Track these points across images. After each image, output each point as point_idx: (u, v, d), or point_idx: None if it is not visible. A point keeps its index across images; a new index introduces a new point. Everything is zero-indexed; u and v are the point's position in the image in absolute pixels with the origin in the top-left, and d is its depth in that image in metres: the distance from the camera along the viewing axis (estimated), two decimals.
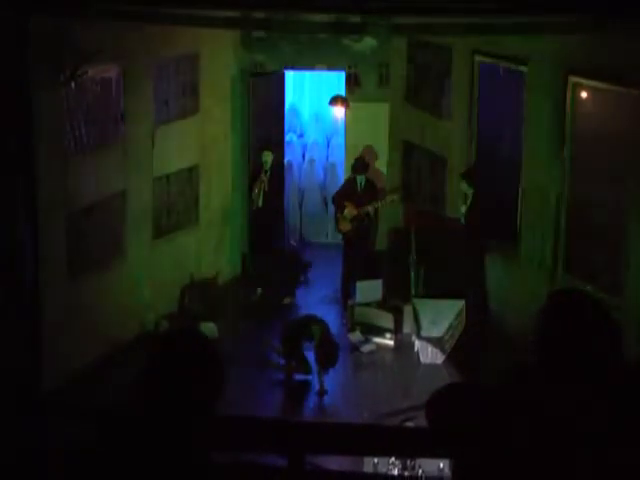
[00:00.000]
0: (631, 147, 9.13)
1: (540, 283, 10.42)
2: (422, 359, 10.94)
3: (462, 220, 11.51)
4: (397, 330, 11.50)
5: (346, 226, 12.61)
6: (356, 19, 10.90)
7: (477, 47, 11.61)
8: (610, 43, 9.05)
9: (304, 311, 12.07)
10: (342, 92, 14.16)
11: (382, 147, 14.01)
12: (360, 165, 12.67)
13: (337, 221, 12.83)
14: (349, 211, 12.51)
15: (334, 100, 14.09)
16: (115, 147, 10.73)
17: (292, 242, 13.37)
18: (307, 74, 15.42)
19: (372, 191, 12.62)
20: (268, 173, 12.88)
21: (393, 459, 7.17)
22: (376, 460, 7.23)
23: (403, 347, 11.30)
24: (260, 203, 12.91)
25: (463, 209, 11.49)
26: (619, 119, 9.42)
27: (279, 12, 9.83)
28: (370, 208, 12.43)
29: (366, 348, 11.22)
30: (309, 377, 10.35)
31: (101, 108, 10.43)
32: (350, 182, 12.85)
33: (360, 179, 12.60)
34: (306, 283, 13.11)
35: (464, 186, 11.44)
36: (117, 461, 2.58)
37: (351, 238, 12.60)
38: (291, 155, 15.28)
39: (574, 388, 2.71)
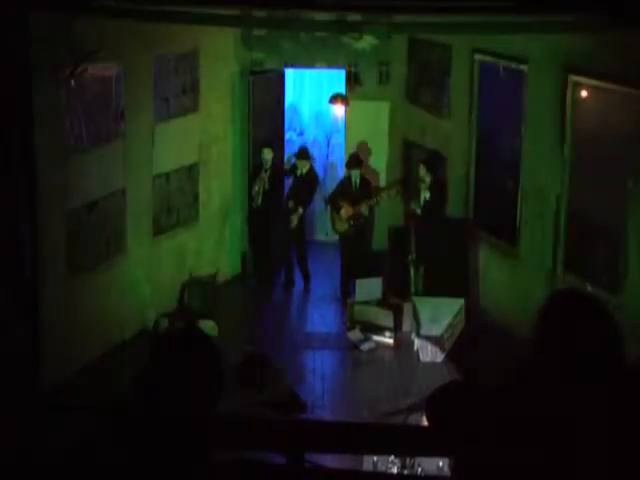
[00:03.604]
0: (631, 147, 9.13)
1: (540, 283, 10.43)
2: (422, 357, 10.94)
3: (421, 204, 12.05)
4: (397, 328, 11.50)
5: (342, 226, 12.62)
6: (356, 17, 10.91)
7: (477, 46, 11.61)
8: (610, 42, 9.05)
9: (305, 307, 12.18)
10: (342, 90, 14.16)
11: (382, 145, 14.02)
12: (354, 161, 12.70)
13: (333, 221, 12.84)
14: (345, 210, 12.53)
15: (334, 98, 14.09)
16: (115, 145, 10.72)
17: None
18: (307, 72, 15.41)
19: (367, 189, 12.64)
20: (268, 171, 12.89)
21: (392, 457, 7.17)
22: (375, 458, 7.23)
23: (403, 345, 11.30)
24: (260, 201, 12.91)
25: (428, 195, 12.01)
26: (619, 118, 9.42)
27: (279, 10, 9.83)
28: (365, 207, 12.45)
29: (365, 346, 11.22)
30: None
31: (101, 106, 10.43)
32: (345, 181, 12.87)
33: (355, 178, 12.61)
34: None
35: (423, 171, 12.04)
36: (117, 461, 2.58)
37: (347, 237, 12.62)
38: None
39: (574, 388, 2.72)
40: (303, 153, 13.12)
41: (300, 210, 12.83)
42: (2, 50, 8.54)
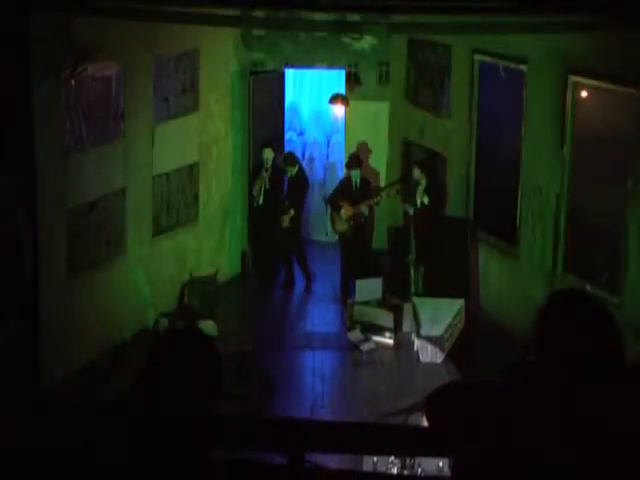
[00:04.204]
0: (631, 147, 9.13)
1: (540, 283, 10.43)
2: (422, 358, 10.94)
3: (416, 205, 12.09)
4: (397, 329, 11.49)
5: (343, 226, 12.62)
6: (356, 18, 10.92)
7: (477, 46, 11.61)
8: (610, 42, 9.05)
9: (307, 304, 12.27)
10: (342, 90, 14.16)
11: (382, 145, 14.02)
12: (354, 161, 12.71)
13: (333, 221, 12.84)
14: (345, 211, 12.52)
15: (334, 98, 14.09)
16: (115, 145, 10.72)
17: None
18: (307, 72, 15.43)
19: (367, 189, 12.65)
20: (269, 171, 12.89)
21: (392, 458, 7.17)
22: (375, 459, 7.23)
23: (403, 346, 11.29)
24: (260, 201, 12.91)
25: (426, 200, 12.01)
26: (619, 119, 9.42)
27: (279, 10, 9.84)
28: (365, 207, 12.45)
29: (365, 347, 11.22)
30: None
31: (101, 106, 10.43)
32: (345, 181, 12.87)
33: (355, 178, 12.61)
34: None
35: (417, 173, 12.14)
36: (117, 461, 2.58)
37: (347, 237, 12.61)
38: None
39: (574, 388, 2.72)
40: (289, 159, 13.05)
41: (292, 211, 12.83)
42: (2, 50, 8.54)
